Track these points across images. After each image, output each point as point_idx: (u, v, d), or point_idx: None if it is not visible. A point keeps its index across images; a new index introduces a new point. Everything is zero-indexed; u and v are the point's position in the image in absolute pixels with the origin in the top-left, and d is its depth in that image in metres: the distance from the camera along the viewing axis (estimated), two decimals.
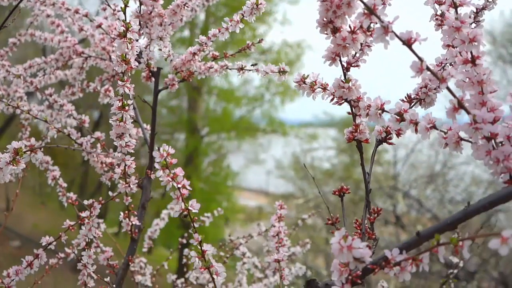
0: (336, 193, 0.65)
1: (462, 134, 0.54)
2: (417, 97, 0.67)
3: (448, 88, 0.50)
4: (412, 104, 0.68)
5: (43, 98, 1.13)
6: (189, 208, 0.62)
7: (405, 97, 0.68)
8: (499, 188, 0.50)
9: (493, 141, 0.52)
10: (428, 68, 0.49)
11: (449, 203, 6.33)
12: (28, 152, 0.64)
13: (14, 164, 0.66)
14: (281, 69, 0.81)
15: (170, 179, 0.60)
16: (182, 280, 1.42)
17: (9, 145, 0.65)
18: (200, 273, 0.63)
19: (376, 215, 0.63)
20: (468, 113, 0.50)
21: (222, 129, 11.37)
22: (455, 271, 1.10)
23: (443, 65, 0.68)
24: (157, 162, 0.59)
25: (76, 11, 1.06)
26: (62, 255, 1.11)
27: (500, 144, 0.51)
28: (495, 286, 5.79)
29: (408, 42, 0.50)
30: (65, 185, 1.08)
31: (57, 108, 1.12)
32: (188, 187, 0.61)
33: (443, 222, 0.50)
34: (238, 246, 1.29)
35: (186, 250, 1.17)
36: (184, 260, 1.38)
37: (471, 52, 0.52)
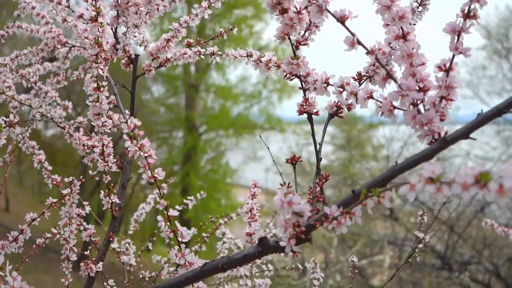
0: (289, 161, 0.71)
1: (396, 103, 0.60)
2: (367, 74, 0.73)
3: (377, 60, 0.56)
4: (362, 81, 0.73)
5: (28, 86, 1.19)
6: (155, 175, 0.67)
7: (356, 74, 0.74)
8: None
9: (422, 107, 0.58)
10: (359, 42, 0.55)
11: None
12: (7, 128, 0.70)
13: None
14: (249, 53, 0.87)
15: (138, 149, 0.66)
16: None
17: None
18: (166, 236, 0.68)
19: (324, 180, 0.69)
20: (396, 82, 0.56)
21: (220, 127, 11.43)
22: (421, 245, 1.16)
23: (391, 44, 0.74)
24: (125, 133, 0.65)
25: (59, 3, 1.12)
26: (48, 235, 1.17)
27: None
28: (489, 277, 5.86)
29: (341, 19, 0.55)
30: (50, 168, 1.14)
31: (43, 95, 1.18)
32: (154, 156, 0.67)
33: (374, 180, 0.55)
34: (218, 226, 1.35)
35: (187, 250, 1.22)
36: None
37: (401, 28, 0.58)
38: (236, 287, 1.30)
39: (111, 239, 1.02)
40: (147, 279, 1.21)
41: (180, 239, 0.69)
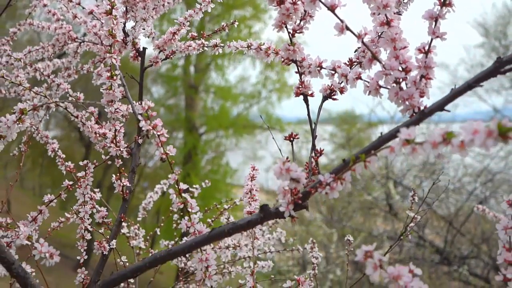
0: (287, 138, 0.78)
1: (381, 83, 0.67)
2: (357, 60, 0.80)
3: (363, 43, 0.63)
4: (353, 66, 0.81)
5: (41, 79, 1.26)
6: (167, 152, 0.75)
7: (347, 60, 0.81)
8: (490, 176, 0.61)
9: (404, 84, 0.65)
10: (347, 28, 0.62)
11: (441, 191, 6.46)
12: (32, 111, 0.77)
13: (20, 122, 0.79)
14: (249, 44, 0.94)
15: (151, 128, 0.73)
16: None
17: (15, 106, 0.78)
18: (177, 206, 0.75)
19: (319, 154, 0.76)
20: (380, 62, 0.63)
21: (220, 127, 11.50)
22: (411, 224, 1.23)
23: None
24: (140, 114, 0.72)
25: (70, 0, 1.19)
26: (64, 218, 1.24)
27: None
28: (487, 271, 5.93)
29: (332, 8, 0.63)
30: (63, 156, 1.21)
31: (55, 88, 1.25)
32: (166, 135, 0.74)
33: (362, 149, 0.63)
34: (222, 212, 1.42)
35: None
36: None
37: (386, 16, 0.66)
38: (240, 269, 1.38)
39: (122, 220, 1.09)
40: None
41: (190, 209, 0.76)
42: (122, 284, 1.22)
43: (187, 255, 1.53)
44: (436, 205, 6.83)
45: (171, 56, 1.10)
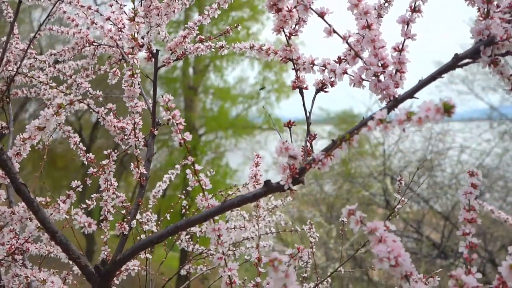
0: (285, 125, 0.91)
1: (364, 76, 0.81)
2: (345, 58, 0.94)
3: (348, 44, 0.77)
4: (342, 63, 0.94)
5: (64, 79, 1.39)
6: (184, 137, 0.88)
7: (337, 58, 0.94)
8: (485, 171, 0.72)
9: (382, 77, 0.79)
10: (334, 31, 0.76)
11: (438, 187, 6.62)
12: (68, 105, 0.90)
13: (57, 115, 0.92)
14: (252, 45, 1.08)
15: (171, 117, 0.86)
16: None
17: (53, 101, 0.91)
18: (193, 185, 0.89)
19: (313, 138, 0.90)
20: (362, 59, 0.77)
21: (219, 128, 11.63)
22: (399, 206, 1.36)
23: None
24: (161, 105, 0.86)
25: (89, 8, 1.33)
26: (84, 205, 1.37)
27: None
28: (483, 265, 6.07)
29: (321, 15, 0.76)
30: (84, 148, 1.35)
31: (75, 87, 1.39)
32: (183, 123, 0.87)
33: (348, 130, 0.76)
34: (227, 198, 1.55)
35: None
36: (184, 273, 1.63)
37: (366, 21, 0.79)
38: (244, 250, 1.51)
39: (140, 203, 1.23)
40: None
41: (204, 187, 0.90)
42: (136, 269, 1.35)
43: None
44: (434, 201, 6.98)
45: (182, 57, 1.24)
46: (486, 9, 0.69)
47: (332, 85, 0.92)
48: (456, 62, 0.70)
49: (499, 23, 0.69)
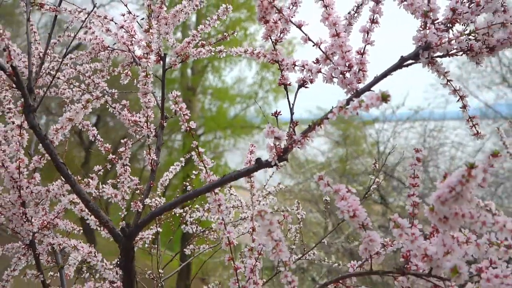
0: (273, 114, 1.12)
1: (334, 74, 1.01)
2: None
3: (320, 49, 0.97)
4: (318, 63, 1.14)
5: (83, 79, 1.60)
6: (190, 126, 1.08)
7: (315, 59, 1.15)
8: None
9: (348, 75, 0.99)
10: (309, 39, 0.96)
11: (431, 182, 6.83)
12: (95, 100, 1.10)
13: (85, 109, 1.12)
14: (246, 50, 1.28)
15: (178, 110, 1.07)
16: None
17: (76, 98, 1.11)
18: (198, 163, 1.09)
19: (296, 124, 1.10)
20: (331, 61, 0.97)
21: (217, 128, 11.82)
22: (374, 186, 1.56)
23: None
24: (170, 100, 1.06)
25: (105, 17, 1.53)
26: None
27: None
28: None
29: (299, 26, 0.97)
30: (101, 140, 1.55)
31: (92, 86, 1.59)
32: (189, 114, 1.08)
33: (321, 117, 0.96)
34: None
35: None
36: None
37: (335, 30, 0.99)
38: (242, 230, 1.72)
39: (152, 185, 1.43)
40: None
41: (206, 165, 1.10)
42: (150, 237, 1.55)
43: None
44: (428, 197, 7.17)
45: (186, 59, 1.44)
46: (424, 22, 0.89)
47: (311, 82, 1.13)
48: (402, 62, 0.91)
49: (434, 32, 0.89)
